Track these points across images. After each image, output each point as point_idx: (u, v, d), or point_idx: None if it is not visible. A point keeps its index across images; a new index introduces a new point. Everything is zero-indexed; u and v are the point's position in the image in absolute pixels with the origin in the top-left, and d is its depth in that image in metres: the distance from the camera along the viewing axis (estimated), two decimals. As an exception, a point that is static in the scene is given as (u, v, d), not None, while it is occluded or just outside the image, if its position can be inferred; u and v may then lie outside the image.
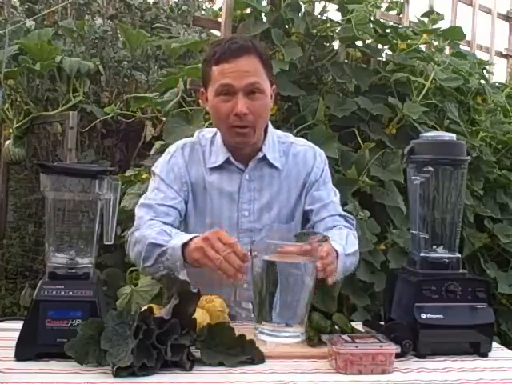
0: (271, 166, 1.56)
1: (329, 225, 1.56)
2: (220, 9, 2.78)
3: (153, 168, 1.61)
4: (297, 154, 1.60)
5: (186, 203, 1.56)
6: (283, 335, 1.14)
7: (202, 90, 1.57)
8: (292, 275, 1.18)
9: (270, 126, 1.61)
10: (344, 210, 1.67)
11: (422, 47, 2.92)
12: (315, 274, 1.18)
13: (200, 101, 1.58)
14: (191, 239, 1.33)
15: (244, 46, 1.46)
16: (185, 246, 1.33)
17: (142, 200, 1.57)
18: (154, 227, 1.45)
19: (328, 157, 2.25)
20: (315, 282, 1.19)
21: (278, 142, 1.60)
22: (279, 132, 1.66)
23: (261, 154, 1.55)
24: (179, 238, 1.36)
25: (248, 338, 1.15)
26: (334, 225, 1.57)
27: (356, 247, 1.53)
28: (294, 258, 1.17)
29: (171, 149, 1.61)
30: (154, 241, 1.40)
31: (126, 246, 1.55)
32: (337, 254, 1.35)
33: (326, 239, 1.16)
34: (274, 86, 1.56)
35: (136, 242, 1.46)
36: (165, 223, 1.48)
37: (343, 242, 1.48)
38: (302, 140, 1.68)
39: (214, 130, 1.60)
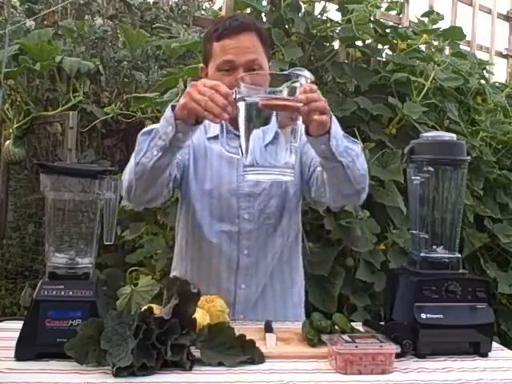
0: None
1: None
2: (220, 9, 2.78)
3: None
4: None
5: (188, 168, 1.58)
6: (272, 172, 1.13)
7: (201, 65, 1.61)
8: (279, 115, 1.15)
9: None
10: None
11: (422, 47, 2.91)
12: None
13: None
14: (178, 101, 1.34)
15: (244, 23, 1.52)
16: (173, 107, 1.32)
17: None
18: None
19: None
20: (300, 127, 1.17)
21: None
22: None
23: None
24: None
25: (248, 338, 1.15)
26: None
27: (362, 156, 1.43)
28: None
29: None
30: (144, 131, 1.46)
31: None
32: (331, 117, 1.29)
33: (312, 81, 1.13)
34: (271, 64, 1.62)
35: (127, 168, 1.45)
36: None
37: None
38: None
39: None
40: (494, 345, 1.30)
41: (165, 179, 1.45)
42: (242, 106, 1.17)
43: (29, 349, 1.11)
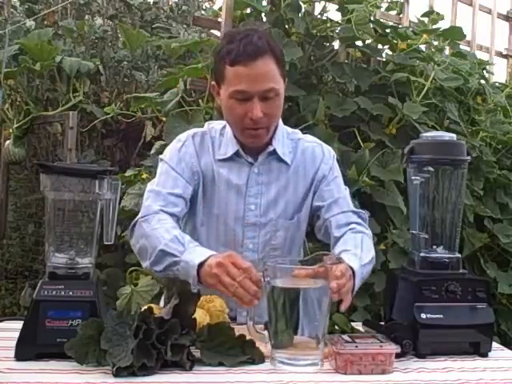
0: (280, 160, 1.55)
1: (341, 222, 1.53)
2: (220, 9, 2.78)
3: (161, 156, 1.59)
4: (305, 150, 1.59)
5: (196, 193, 1.55)
6: (301, 363, 1.09)
7: (213, 83, 1.55)
8: (308, 300, 1.12)
9: (280, 122, 1.59)
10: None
11: (422, 47, 2.92)
12: (330, 301, 1.14)
13: (212, 94, 1.58)
14: (206, 259, 1.28)
15: (260, 48, 1.42)
16: (200, 265, 1.29)
17: (150, 186, 1.53)
18: (164, 224, 1.41)
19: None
20: (330, 304, 1.14)
21: (287, 138, 1.59)
22: (288, 129, 1.65)
23: (271, 148, 1.54)
24: (194, 254, 1.32)
25: (248, 337, 1.15)
26: (347, 222, 1.53)
27: (372, 253, 1.50)
28: (308, 282, 1.11)
29: (182, 137, 1.59)
30: (165, 248, 1.35)
31: (128, 232, 1.50)
32: (353, 271, 1.31)
33: (339, 261, 1.13)
34: (286, 79, 1.55)
35: (143, 236, 1.42)
36: (173, 214, 1.45)
37: (358, 250, 1.44)
38: (310, 137, 1.66)
39: (224, 122, 1.58)
40: (494, 345, 1.31)
41: None
42: (269, 290, 1.12)
43: (29, 349, 1.11)
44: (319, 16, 2.71)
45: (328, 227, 1.54)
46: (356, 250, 1.44)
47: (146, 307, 1.14)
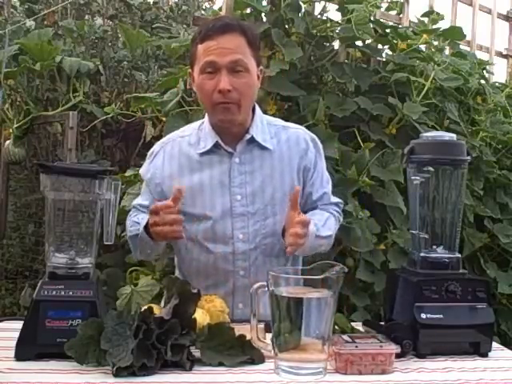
0: (262, 147, 1.56)
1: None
2: (220, 9, 2.78)
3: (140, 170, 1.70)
4: (289, 137, 1.61)
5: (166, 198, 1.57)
6: (304, 372, 1.08)
7: (189, 70, 1.58)
8: (311, 308, 1.11)
9: (258, 109, 1.61)
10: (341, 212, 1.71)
11: (422, 47, 2.91)
12: (335, 306, 1.12)
13: (192, 84, 1.60)
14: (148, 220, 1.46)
15: (228, 23, 1.48)
16: (146, 227, 1.47)
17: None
18: (130, 218, 1.60)
19: (328, 157, 2.27)
20: (334, 311, 1.13)
21: (267, 125, 1.60)
22: (270, 118, 1.68)
23: (248, 136, 1.55)
24: (141, 224, 1.51)
25: (248, 338, 1.15)
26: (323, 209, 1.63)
27: (331, 232, 1.59)
28: (311, 291, 1.11)
29: (155, 148, 1.65)
30: (130, 234, 1.57)
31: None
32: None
33: (343, 271, 1.13)
34: (262, 68, 1.57)
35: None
36: None
37: (320, 222, 1.54)
38: (292, 124, 1.68)
39: (202, 120, 1.63)
40: (494, 345, 1.31)
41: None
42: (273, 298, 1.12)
43: (29, 349, 1.11)
44: (319, 16, 2.71)
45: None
46: (319, 222, 1.53)
47: (146, 307, 1.14)
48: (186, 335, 1.11)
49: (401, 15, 3.45)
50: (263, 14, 2.57)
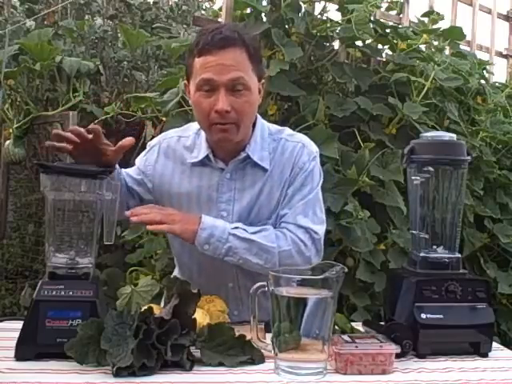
0: (256, 165, 1.48)
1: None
2: (220, 9, 2.78)
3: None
4: (285, 150, 1.50)
5: (149, 192, 1.57)
6: (304, 372, 1.07)
7: (185, 81, 1.50)
8: (311, 310, 1.09)
9: (261, 122, 1.52)
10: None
11: (422, 47, 2.92)
12: (335, 306, 1.12)
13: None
14: None
15: (229, 37, 1.36)
16: None
17: None
18: None
19: (328, 157, 2.27)
20: (335, 311, 1.13)
21: (268, 138, 1.51)
22: (274, 127, 1.56)
23: (243, 155, 1.47)
24: None
25: (248, 338, 1.15)
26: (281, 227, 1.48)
27: (268, 243, 1.42)
28: (311, 291, 1.10)
29: (153, 142, 1.62)
30: None
31: None
32: (200, 220, 1.39)
33: (343, 271, 1.13)
34: (263, 81, 1.49)
35: None
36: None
37: (247, 228, 1.43)
38: (298, 136, 1.55)
39: None
40: (494, 345, 1.30)
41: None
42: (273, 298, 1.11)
43: (29, 349, 1.11)
44: (319, 16, 2.71)
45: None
46: (243, 226, 1.43)
47: (146, 307, 1.14)
48: (185, 335, 1.11)
49: (401, 15, 3.45)
50: (263, 14, 2.57)
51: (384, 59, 2.84)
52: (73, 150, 1.29)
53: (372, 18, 2.68)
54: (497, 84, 3.51)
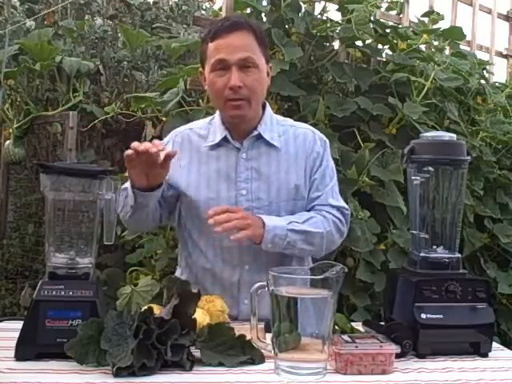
0: (269, 144, 1.58)
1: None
2: (220, 9, 2.78)
3: None
4: (297, 136, 1.62)
5: (182, 193, 1.60)
6: (304, 372, 1.08)
7: (200, 69, 1.62)
8: (311, 308, 1.11)
9: (269, 108, 1.64)
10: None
11: (422, 47, 2.92)
12: (335, 306, 1.12)
13: (202, 84, 1.63)
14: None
15: (237, 22, 1.51)
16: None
17: None
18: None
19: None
20: (335, 310, 1.13)
21: (276, 123, 1.62)
22: (279, 117, 1.68)
23: (255, 132, 1.57)
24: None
25: (248, 338, 1.15)
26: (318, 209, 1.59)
27: (316, 230, 1.53)
28: (311, 291, 1.11)
29: (165, 140, 1.68)
30: (123, 187, 1.53)
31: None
32: (263, 223, 1.46)
33: (343, 271, 1.13)
34: (271, 65, 1.61)
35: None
36: None
37: (295, 218, 1.52)
38: (303, 124, 1.69)
39: (211, 116, 1.66)
40: (494, 345, 1.31)
41: (150, 221, 1.59)
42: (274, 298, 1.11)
43: (29, 349, 1.11)
44: (319, 16, 2.71)
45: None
46: (293, 218, 1.52)
47: (146, 307, 1.14)
48: (185, 335, 1.11)
49: (401, 15, 3.45)
50: (263, 14, 2.57)
51: (384, 59, 2.84)
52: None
53: (372, 18, 2.68)
54: (497, 84, 3.51)
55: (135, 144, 1.35)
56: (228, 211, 1.44)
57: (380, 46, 2.84)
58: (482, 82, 3.12)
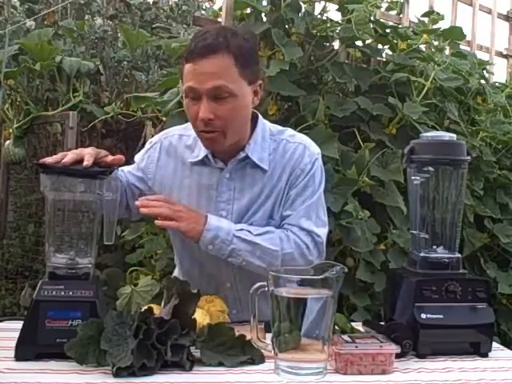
0: (256, 165, 1.48)
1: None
2: (220, 9, 2.78)
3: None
4: (286, 151, 1.50)
5: (149, 189, 1.56)
6: (304, 372, 1.07)
7: (179, 85, 1.56)
8: (311, 310, 1.09)
9: (262, 123, 1.52)
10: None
11: (422, 47, 2.92)
12: (335, 306, 1.12)
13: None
14: None
15: (211, 44, 1.34)
16: None
17: None
18: None
19: (328, 157, 2.27)
20: (335, 311, 1.13)
21: (269, 139, 1.51)
22: (275, 128, 1.55)
23: (242, 155, 1.47)
24: None
25: (248, 338, 1.15)
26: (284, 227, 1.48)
27: (272, 247, 1.42)
28: (311, 291, 1.10)
29: (155, 139, 1.61)
30: None
31: None
32: (206, 220, 1.39)
33: (343, 271, 1.13)
34: (260, 82, 1.45)
35: None
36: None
37: (252, 230, 1.43)
38: (300, 137, 1.55)
39: None
40: (494, 345, 1.31)
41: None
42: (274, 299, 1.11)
43: (29, 349, 1.11)
44: (319, 16, 2.71)
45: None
46: (248, 227, 1.44)
47: (146, 307, 1.14)
48: (185, 335, 1.11)
49: (401, 15, 3.45)
50: (263, 14, 2.57)
51: (384, 59, 2.84)
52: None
53: (372, 18, 2.68)
54: (497, 84, 3.51)
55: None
56: (165, 201, 1.39)
57: (380, 46, 2.83)
58: (482, 82, 3.12)
